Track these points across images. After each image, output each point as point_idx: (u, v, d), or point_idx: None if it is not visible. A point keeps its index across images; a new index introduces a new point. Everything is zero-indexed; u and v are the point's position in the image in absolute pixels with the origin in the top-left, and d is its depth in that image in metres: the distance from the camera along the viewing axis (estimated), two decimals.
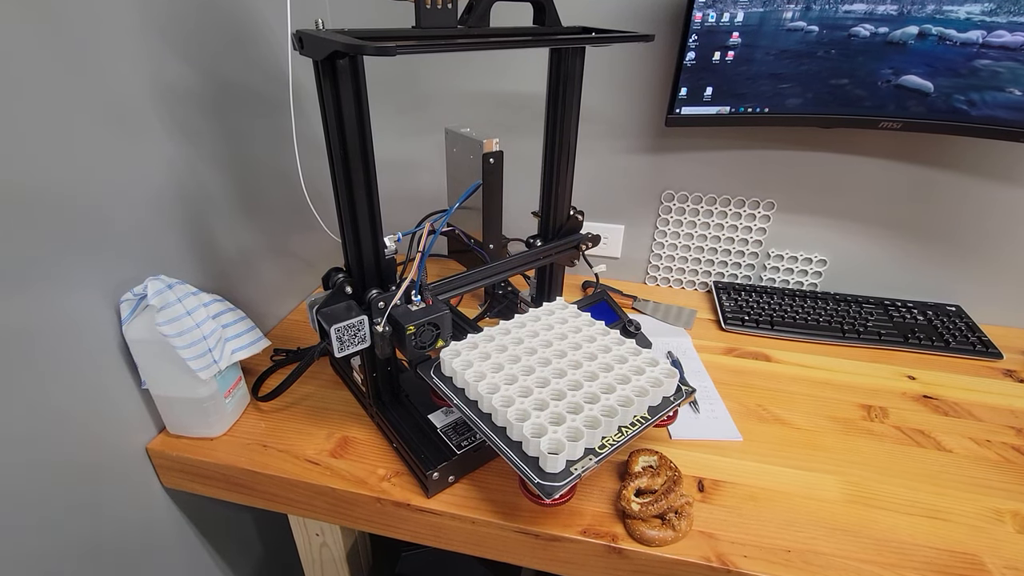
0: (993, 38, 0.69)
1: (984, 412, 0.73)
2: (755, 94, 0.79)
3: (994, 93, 0.72)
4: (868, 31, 0.72)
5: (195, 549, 0.73)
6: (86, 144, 0.53)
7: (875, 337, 0.85)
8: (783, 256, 0.98)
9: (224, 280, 0.74)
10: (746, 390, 0.75)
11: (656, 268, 1.04)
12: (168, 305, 0.56)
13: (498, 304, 0.88)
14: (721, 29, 0.74)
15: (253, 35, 0.74)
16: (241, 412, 0.69)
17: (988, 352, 0.83)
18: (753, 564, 0.52)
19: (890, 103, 0.76)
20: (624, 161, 0.95)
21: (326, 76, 0.46)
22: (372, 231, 0.53)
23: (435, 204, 0.97)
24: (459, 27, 0.53)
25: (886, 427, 0.70)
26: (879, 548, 0.54)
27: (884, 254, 0.94)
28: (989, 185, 0.85)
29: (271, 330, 0.86)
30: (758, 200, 0.94)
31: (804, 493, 0.60)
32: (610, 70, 0.87)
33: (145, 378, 0.60)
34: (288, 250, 0.89)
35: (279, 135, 0.79)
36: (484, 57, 0.91)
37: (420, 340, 0.54)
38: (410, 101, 0.97)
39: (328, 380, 0.76)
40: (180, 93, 0.63)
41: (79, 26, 0.51)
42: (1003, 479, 0.62)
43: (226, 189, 0.72)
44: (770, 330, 0.87)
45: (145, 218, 0.60)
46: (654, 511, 0.54)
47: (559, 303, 0.69)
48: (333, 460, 0.63)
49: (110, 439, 0.59)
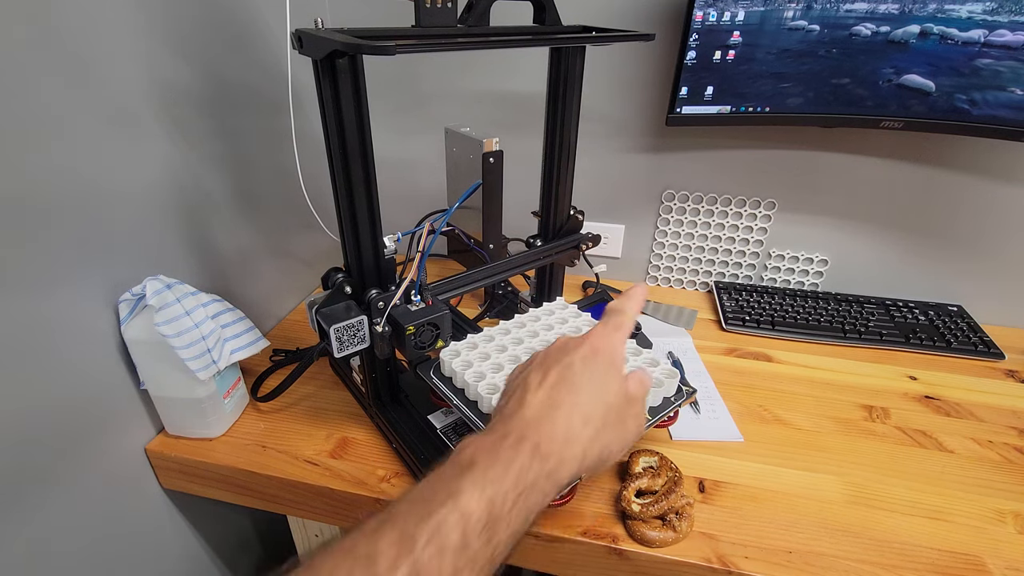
0: (995, 37, 0.69)
1: (986, 413, 0.72)
2: (756, 93, 0.78)
3: (996, 92, 0.72)
4: (869, 30, 0.72)
5: (194, 550, 0.73)
6: (85, 143, 0.53)
7: (876, 337, 0.85)
8: (784, 256, 0.98)
9: (223, 280, 0.74)
10: (747, 391, 0.75)
11: (657, 268, 1.03)
12: (167, 305, 0.56)
13: (498, 304, 0.88)
14: (722, 28, 0.74)
15: (252, 34, 0.74)
16: (240, 413, 0.69)
17: (990, 352, 0.83)
18: (754, 565, 0.52)
19: (891, 102, 0.76)
20: (624, 161, 0.95)
21: (325, 75, 0.45)
22: (372, 231, 0.53)
23: (435, 204, 0.96)
24: (459, 26, 0.52)
25: (887, 428, 0.69)
26: (880, 549, 0.54)
27: (886, 254, 0.94)
28: (991, 185, 0.85)
29: (270, 330, 0.86)
30: (759, 200, 0.94)
31: (805, 494, 0.59)
32: (610, 69, 0.87)
33: (144, 379, 0.60)
34: (287, 250, 0.89)
35: (278, 134, 0.79)
36: (484, 56, 0.91)
37: (420, 340, 0.54)
38: (410, 100, 0.97)
39: (327, 380, 0.75)
40: (179, 92, 0.63)
41: (78, 26, 0.51)
42: (1005, 480, 0.62)
43: (225, 188, 0.72)
44: (771, 330, 0.87)
45: (143, 218, 0.60)
46: (655, 512, 0.54)
47: (559, 303, 0.69)
48: (332, 461, 0.62)
49: (109, 439, 0.58)
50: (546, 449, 0.32)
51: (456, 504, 0.28)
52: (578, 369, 0.36)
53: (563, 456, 0.32)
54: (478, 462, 0.30)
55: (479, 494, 0.28)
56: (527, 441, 0.32)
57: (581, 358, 0.37)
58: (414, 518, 0.27)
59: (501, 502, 0.29)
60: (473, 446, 0.32)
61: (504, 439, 0.32)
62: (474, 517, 0.28)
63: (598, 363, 0.37)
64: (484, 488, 0.29)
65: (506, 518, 0.29)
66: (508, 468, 0.30)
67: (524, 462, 0.31)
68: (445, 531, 0.27)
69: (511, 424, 0.33)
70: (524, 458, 0.31)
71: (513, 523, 0.29)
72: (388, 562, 0.25)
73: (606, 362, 0.38)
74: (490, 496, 0.29)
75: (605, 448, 0.33)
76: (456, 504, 0.28)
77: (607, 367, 0.37)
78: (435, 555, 0.26)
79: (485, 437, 0.33)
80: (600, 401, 0.35)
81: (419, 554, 0.26)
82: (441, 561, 0.26)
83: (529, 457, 0.31)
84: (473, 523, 0.28)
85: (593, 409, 0.34)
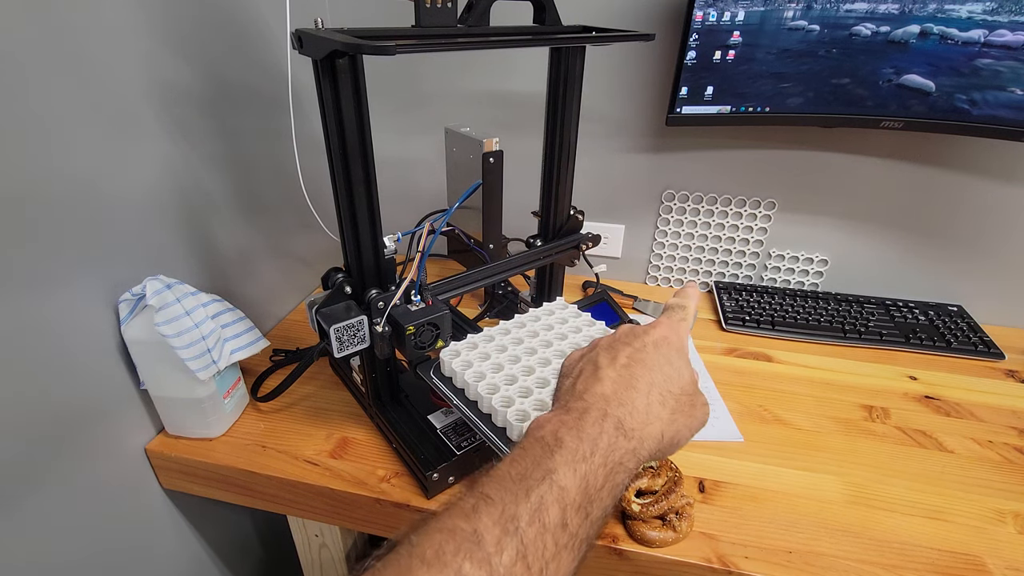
0: (995, 37, 0.69)
1: (986, 413, 0.72)
2: (756, 93, 0.78)
3: (996, 92, 0.72)
4: (869, 30, 0.72)
5: (194, 550, 0.73)
6: (85, 143, 0.53)
7: (876, 337, 0.85)
8: (784, 256, 0.98)
9: (223, 280, 0.74)
10: (747, 391, 0.75)
11: (657, 268, 1.03)
12: (167, 305, 0.56)
13: (498, 304, 0.88)
14: (722, 28, 0.74)
15: (252, 34, 0.74)
16: (240, 413, 0.68)
17: (990, 352, 0.83)
18: (754, 565, 0.52)
19: (892, 102, 0.76)
20: (624, 161, 0.95)
21: (325, 75, 0.45)
22: (372, 231, 0.53)
23: (435, 204, 0.96)
24: (459, 26, 0.52)
25: (888, 428, 0.69)
26: (880, 549, 0.54)
27: (886, 254, 0.94)
28: (991, 184, 0.85)
29: (270, 330, 0.86)
30: (759, 200, 0.94)
31: (805, 494, 0.59)
32: (610, 69, 0.87)
33: (144, 378, 0.60)
34: (287, 250, 0.89)
35: (278, 134, 0.79)
36: (484, 56, 0.91)
37: (420, 340, 0.54)
38: (410, 100, 0.97)
39: (327, 380, 0.75)
40: (179, 92, 0.63)
41: (78, 26, 0.51)
42: (1005, 480, 0.62)
43: (225, 188, 0.72)
44: (771, 330, 0.87)
45: (143, 218, 0.60)
46: (655, 512, 0.54)
47: (559, 303, 0.69)
48: (332, 461, 0.62)
49: (109, 439, 0.58)
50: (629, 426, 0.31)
51: (553, 482, 0.28)
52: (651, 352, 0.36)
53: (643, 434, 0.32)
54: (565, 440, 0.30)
55: (572, 472, 0.28)
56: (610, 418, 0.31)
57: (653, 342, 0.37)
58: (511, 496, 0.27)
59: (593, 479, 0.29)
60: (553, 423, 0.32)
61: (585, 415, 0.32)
62: (571, 495, 0.28)
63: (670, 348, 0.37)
64: (576, 466, 0.29)
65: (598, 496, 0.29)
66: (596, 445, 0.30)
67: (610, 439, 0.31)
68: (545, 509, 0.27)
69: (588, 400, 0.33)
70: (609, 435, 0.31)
71: (604, 500, 0.29)
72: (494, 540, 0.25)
73: (677, 349, 0.38)
74: (583, 474, 0.29)
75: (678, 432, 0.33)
76: (553, 482, 0.28)
77: (678, 353, 0.38)
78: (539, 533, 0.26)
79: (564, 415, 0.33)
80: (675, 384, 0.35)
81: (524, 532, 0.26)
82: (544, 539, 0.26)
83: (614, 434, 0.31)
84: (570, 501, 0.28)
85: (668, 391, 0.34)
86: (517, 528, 0.26)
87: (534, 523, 0.26)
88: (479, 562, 0.24)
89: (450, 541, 0.25)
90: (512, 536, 0.25)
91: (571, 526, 0.27)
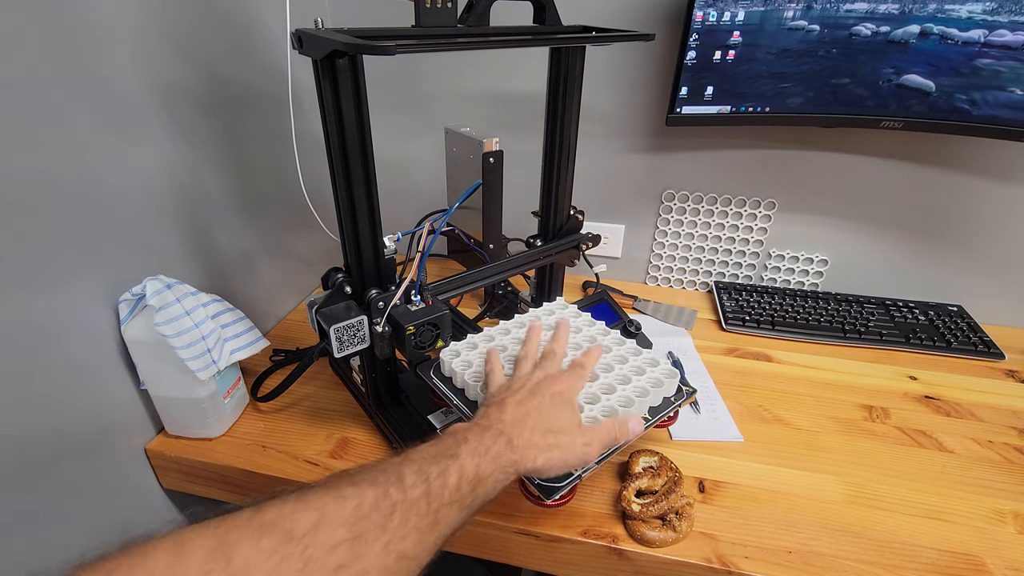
0: (995, 37, 0.69)
1: (986, 413, 0.72)
2: (756, 93, 0.78)
3: (996, 92, 0.72)
4: (869, 30, 0.72)
5: None
6: (84, 143, 0.53)
7: (876, 337, 0.85)
8: (784, 256, 0.98)
9: (223, 280, 0.73)
10: (747, 391, 0.75)
11: (657, 268, 1.03)
12: (167, 305, 0.56)
13: (498, 304, 0.88)
14: (722, 28, 0.74)
15: (252, 34, 0.74)
16: (240, 413, 0.69)
17: (990, 352, 0.83)
18: (754, 565, 0.52)
19: (892, 103, 0.76)
20: (624, 161, 0.95)
21: (325, 75, 0.45)
22: (372, 231, 0.53)
23: (435, 204, 0.96)
24: (459, 26, 0.52)
25: (887, 428, 0.69)
26: (880, 549, 0.54)
27: (886, 254, 0.94)
28: (991, 184, 0.85)
29: (270, 330, 0.86)
30: (759, 200, 0.94)
31: (805, 494, 0.59)
32: (610, 69, 0.87)
33: (144, 378, 0.60)
34: (287, 250, 0.89)
35: (278, 134, 0.79)
36: (484, 56, 0.91)
37: (420, 340, 0.54)
38: (410, 100, 0.97)
39: (327, 381, 0.75)
40: (179, 92, 0.63)
41: (79, 26, 0.51)
42: (1005, 480, 0.62)
43: (225, 188, 0.72)
44: (771, 330, 0.87)
45: (144, 218, 0.60)
46: (655, 512, 0.54)
47: (559, 303, 0.69)
48: (332, 461, 0.62)
49: (109, 439, 0.58)
50: (515, 444, 0.44)
51: (456, 460, 0.40)
52: (547, 400, 0.50)
53: (524, 454, 0.44)
54: (470, 439, 0.43)
55: (470, 459, 0.41)
56: (504, 435, 0.44)
57: (551, 394, 0.50)
58: (427, 462, 0.39)
59: (483, 469, 0.41)
60: (465, 429, 0.45)
61: (488, 429, 0.45)
62: (467, 471, 0.40)
63: (564, 400, 0.50)
64: (473, 456, 0.41)
65: (484, 481, 0.41)
66: (490, 449, 0.43)
67: (500, 449, 0.43)
68: (448, 474, 0.39)
69: (492, 420, 0.46)
70: (500, 446, 0.43)
71: (487, 486, 0.41)
72: (411, 481, 0.37)
73: (567, 400, 0.51)
74: (477, 463, 0.41)
75: (551, 459, 0.45)
76: (456, 460, 0.40)
77: (567, 403, 0.50)
78: (440, 487, 0.38)
79: (475, 425, 0.46)
80: (556, 425, 0.48)
81: (431, 482, 0.37)
82: (442, 492, 0.38)
83: (504, 447, 0.44)
84: (466, 475, 0.40)
85: (549, 429, 0.47)
86: (427, 478, 0.37)
87: (438, 479, 0.38)
88: (398, 490, 0.36)
89: (380, 475, 0.37)
90: (423, 481, 0.37)
91: (463, 491, 0.39)
